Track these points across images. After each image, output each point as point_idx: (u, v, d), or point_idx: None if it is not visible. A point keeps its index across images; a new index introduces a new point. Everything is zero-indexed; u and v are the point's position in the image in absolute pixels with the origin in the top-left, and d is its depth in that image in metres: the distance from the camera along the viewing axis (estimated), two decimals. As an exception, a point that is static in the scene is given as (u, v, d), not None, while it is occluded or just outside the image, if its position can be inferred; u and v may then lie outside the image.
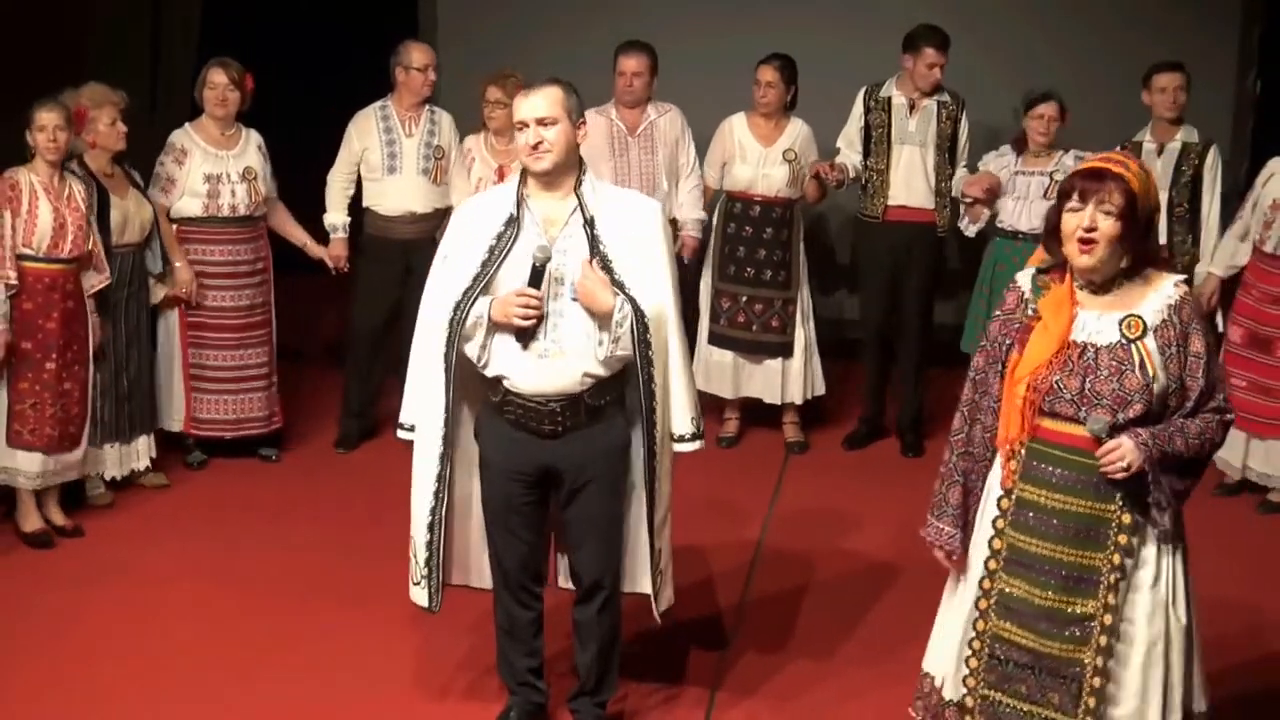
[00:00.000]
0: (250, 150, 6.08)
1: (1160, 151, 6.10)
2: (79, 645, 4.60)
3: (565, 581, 4.23)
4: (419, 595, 4.04)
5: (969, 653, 3.48)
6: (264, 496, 5.93)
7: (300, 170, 6.40)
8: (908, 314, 6.59)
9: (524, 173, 3.87)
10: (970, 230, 6.45)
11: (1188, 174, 6.04)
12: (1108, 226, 3.23)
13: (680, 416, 3.94)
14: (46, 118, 5.20)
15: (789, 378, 6.56)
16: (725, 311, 6.52)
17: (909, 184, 6.44)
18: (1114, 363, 3.25)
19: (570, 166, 3.83)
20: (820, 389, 6.65)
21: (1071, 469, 3.31)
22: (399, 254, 6.33)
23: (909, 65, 6.36)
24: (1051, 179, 6.16)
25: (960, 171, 6.45)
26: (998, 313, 3.48)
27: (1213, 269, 6.01)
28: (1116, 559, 3.29)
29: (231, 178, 5.99)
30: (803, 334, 6.54)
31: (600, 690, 4.13)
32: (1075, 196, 3.26)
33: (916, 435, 6.66)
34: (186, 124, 6.06)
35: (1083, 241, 3.24)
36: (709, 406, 6.35)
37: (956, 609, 3.57)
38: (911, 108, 6.41)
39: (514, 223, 3.81)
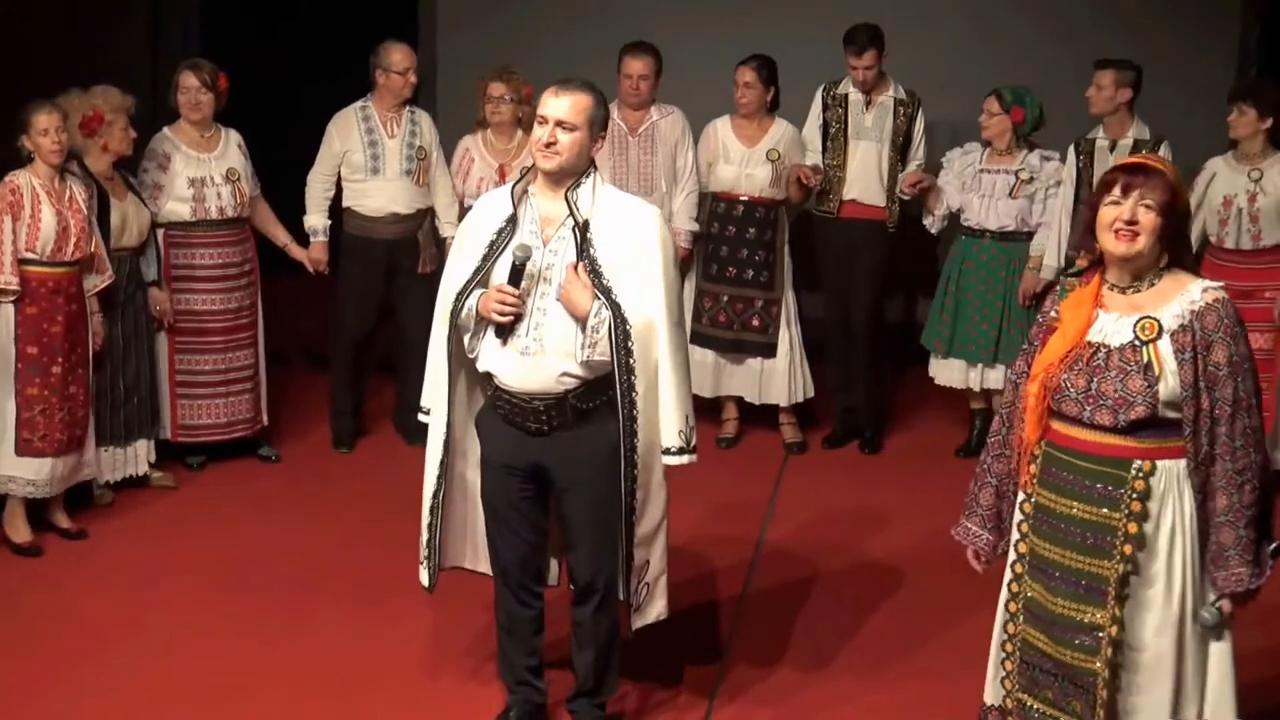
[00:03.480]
0: (231, 151, 5.98)
1: (1113, 148, 6.05)
2: (79, 645, 4.53)
3: (556, 580, 4.21)
4: (421, 574, 4.06)
5: (1003, 655, 3.47)
6: (264, 496, 5.87)
7: (300, 171, 6.31)
8: (857, 311, 6.52)
9: (533, 168, 3.85)
10: (933, 228, 6.43)
11: None
12: (1148, 220, 3.18)
13: (668, 429, 3.83)
14: (47, 120, 5.08)
15: (772, 379, 6.49)
16: (707, 311, 6.45)
17: (864, 180, 6.39)
18: (1121, 363, 3.19)
19: (576, 171, 3.78)
20: (809, 392, 6.58)
21: (1078, 474, 3.26)
22: (382, 254, 6.26)
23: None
24: (1017, 177, 6.16)
25: (910, 168, 6.39)
26: (1038, 316, 3.46)
27: None
28: (1121, 569, 3.22)
29: (215, 180, 5.89)
30: (788, 336, 6.46)
31: (599, 691, 4.07)
32: (1118, 189, 3.20)
33: (875, 433, 6.61)
34: (165, 129, 5.94)
35: (1121, 232, 3.18)
36: (706, 407, 6.36)
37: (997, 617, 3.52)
38: (868, 104, 6.38)
39: (512, 220, 3.81)
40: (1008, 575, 3.46)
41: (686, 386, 3.89)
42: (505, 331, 3.76)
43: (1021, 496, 3.40)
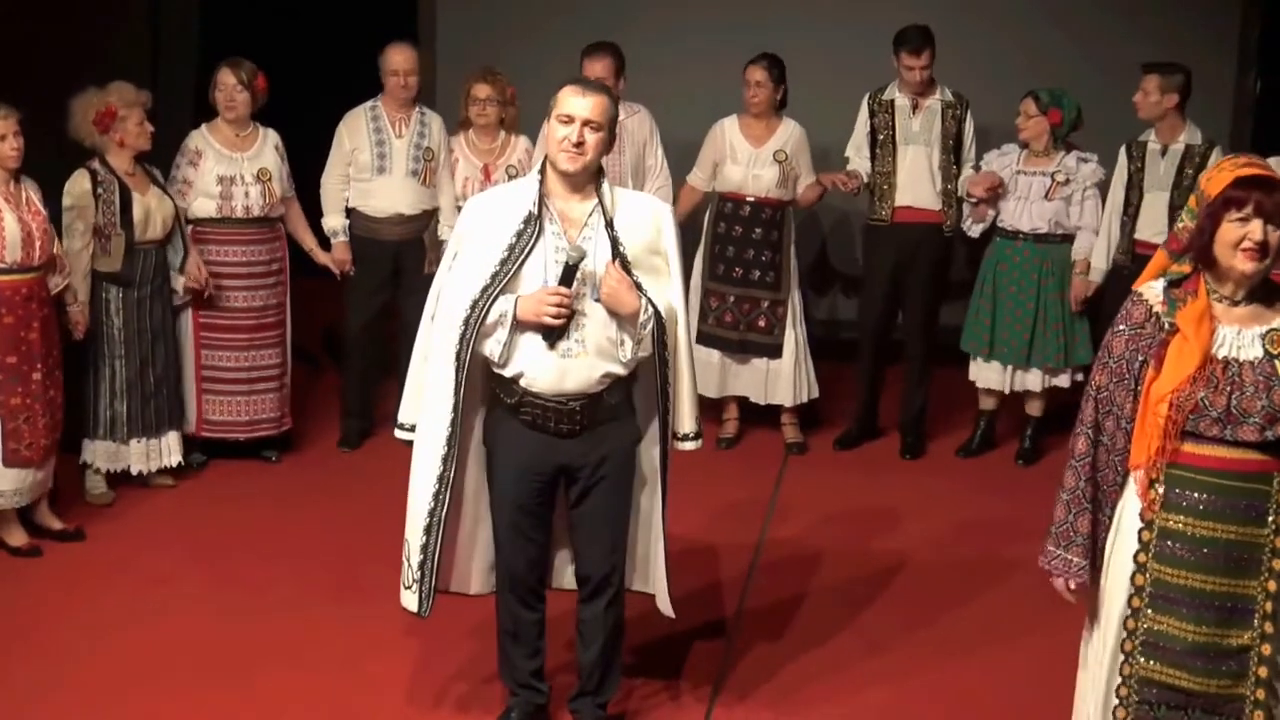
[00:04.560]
0: (266, 151, 5.98)
1: (1164, 152, 5.95)
2: (78, 644, 4.51)
3: (558, 582, 4.14)
4: (409, 600, 3.90)
5: (1115, 701, 3.27)
6: (264, 497, 5.84)
7: (296, 171, 6.26)
8: (914, 314, 6.48)
9: (542, 171, 3.79)
10: (975, 230, 6.33)
11: (1190, 175, 5.86)
12: (1276, 238, 3.07)
13: (686, 416, 3.91)
14: (3, 126, 4.97)
15: (778, 379, 6.44)
16: (713, 311, 6.41)
17: (915, 185, 6.31)
18: (1260, 378, 3.08)
19: (595, 172, 3.76)
20: (814, 393, 6.53)
21: (1219, 493, 3.12)
22: (388, 255, 6.25)
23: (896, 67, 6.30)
24: (1053, 179, 6.11)
25: (966, 171, 6.31)
26: (1121, 327, 3.22)
27: None
28: (1272, 586, 3.13)
29: (245, 179, 5.89)
30: (793, 336, 6.40)
31: (602, 690, 4.05)
32: (1250, 208, 3.07)
33: (918, 436, 6.57)
34: (203, 125, 5.97)
35: (1250, 251, 3.07)
36: (708, 407, 6.35)
37: (1097, 656, 3.34)
38: (914, 108, 6.32)
39: (534, 221, 3.70)
40: (1117, 612, 3.27)
41: (694, 374, 3.97)
42: (554, 335, 3.69)
43: (1138, 524, 3.21)
